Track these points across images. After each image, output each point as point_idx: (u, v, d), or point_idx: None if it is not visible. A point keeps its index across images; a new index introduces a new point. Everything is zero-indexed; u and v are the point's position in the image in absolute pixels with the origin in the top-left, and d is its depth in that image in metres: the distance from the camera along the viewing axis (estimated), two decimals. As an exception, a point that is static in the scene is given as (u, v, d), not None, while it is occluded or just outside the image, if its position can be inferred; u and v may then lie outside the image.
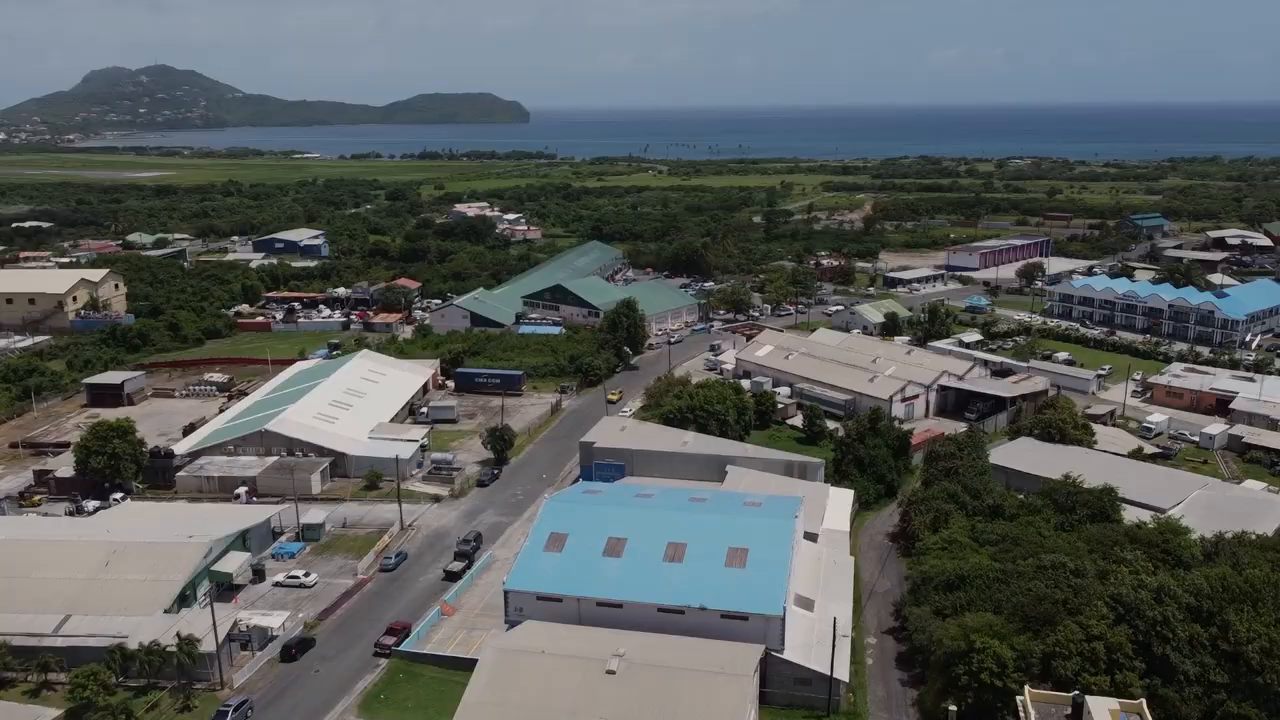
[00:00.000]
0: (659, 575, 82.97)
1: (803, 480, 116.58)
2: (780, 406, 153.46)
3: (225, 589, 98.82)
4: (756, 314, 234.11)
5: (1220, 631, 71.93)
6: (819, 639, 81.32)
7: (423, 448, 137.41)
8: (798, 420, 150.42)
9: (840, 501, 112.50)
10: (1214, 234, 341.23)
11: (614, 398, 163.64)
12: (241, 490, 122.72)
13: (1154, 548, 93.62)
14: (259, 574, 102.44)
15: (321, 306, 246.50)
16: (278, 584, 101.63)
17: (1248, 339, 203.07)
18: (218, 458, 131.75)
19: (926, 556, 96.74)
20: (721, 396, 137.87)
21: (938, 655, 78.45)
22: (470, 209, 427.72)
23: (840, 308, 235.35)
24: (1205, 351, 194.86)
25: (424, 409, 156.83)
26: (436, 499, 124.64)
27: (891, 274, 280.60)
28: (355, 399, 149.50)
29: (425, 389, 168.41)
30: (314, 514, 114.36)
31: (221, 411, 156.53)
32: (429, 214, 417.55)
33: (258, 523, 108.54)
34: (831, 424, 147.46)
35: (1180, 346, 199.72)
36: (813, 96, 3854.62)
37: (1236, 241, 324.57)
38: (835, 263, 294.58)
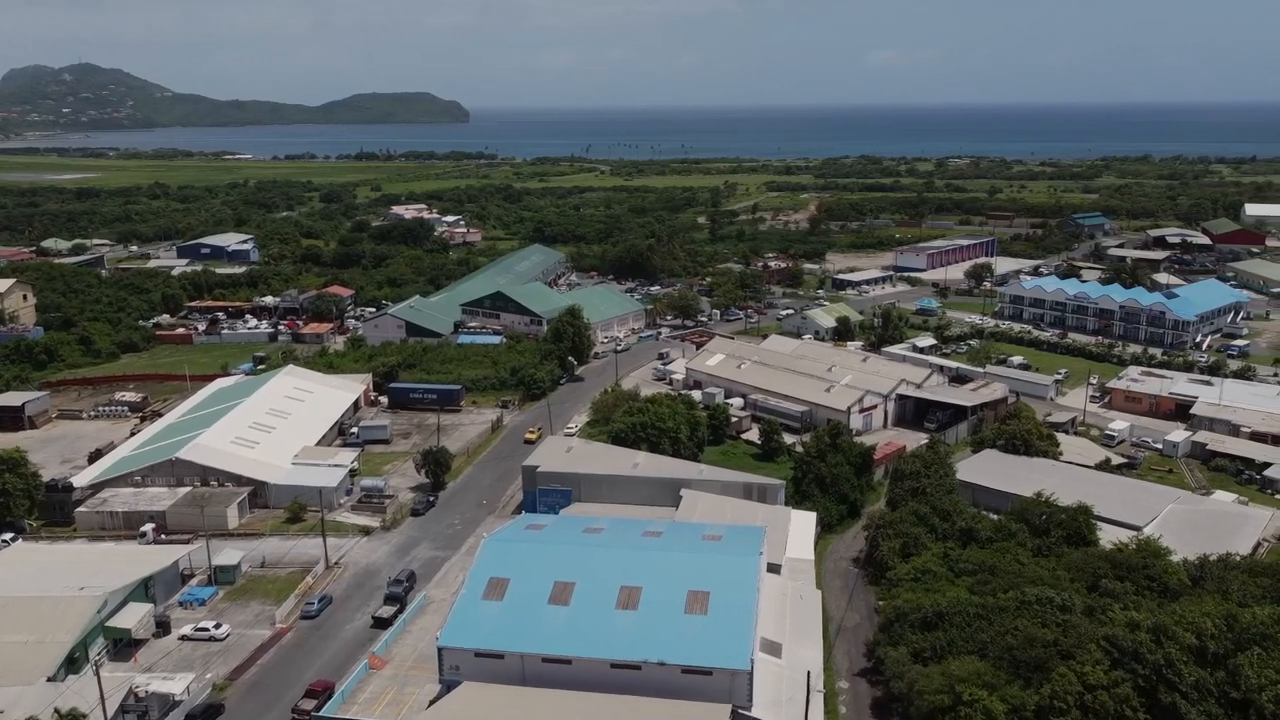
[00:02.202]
0: (611, 625, 74.47)
1: (762, 504, 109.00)
2: (734, 420, 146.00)
3: (124, 646, 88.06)
4: (705, 319, 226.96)
5: (1229, 677, 65.69)
6: (789, 691, 73.65)
7: (352, 473, 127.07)
8: (753, 434, 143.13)
9: (803, 526, 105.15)
10: (1154, 233, 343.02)
11: (532, 436, 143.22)
12: (148, 527, 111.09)
13: (1136, 572, 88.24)
14: (163, 627, 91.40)
15: (248, 316, 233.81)
16: (184, 638, 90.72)
17: (1198, 340, 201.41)
18: (123, 490, 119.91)
19: (899, 589, 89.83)
20: (674, 412, 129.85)
21: (920, 707, 71.29)
22: (408, 211, 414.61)
23: (790, 312, 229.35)
24: (1157, 353, 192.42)
25: (354, 429, 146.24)
26: (366, 531, 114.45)
27: (840, 276, 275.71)
28: (278, 420, 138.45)
29: (356, 406, 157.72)
30: (228, 554, 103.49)
31: (133, 435, 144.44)
32: (365, 216, 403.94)
33: (164, 567, 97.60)
34: (788, 437, 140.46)
35: (1134, 348, 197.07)
36: (754, 97, 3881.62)
37: (1177, 240, 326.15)
38: (783, 264, 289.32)
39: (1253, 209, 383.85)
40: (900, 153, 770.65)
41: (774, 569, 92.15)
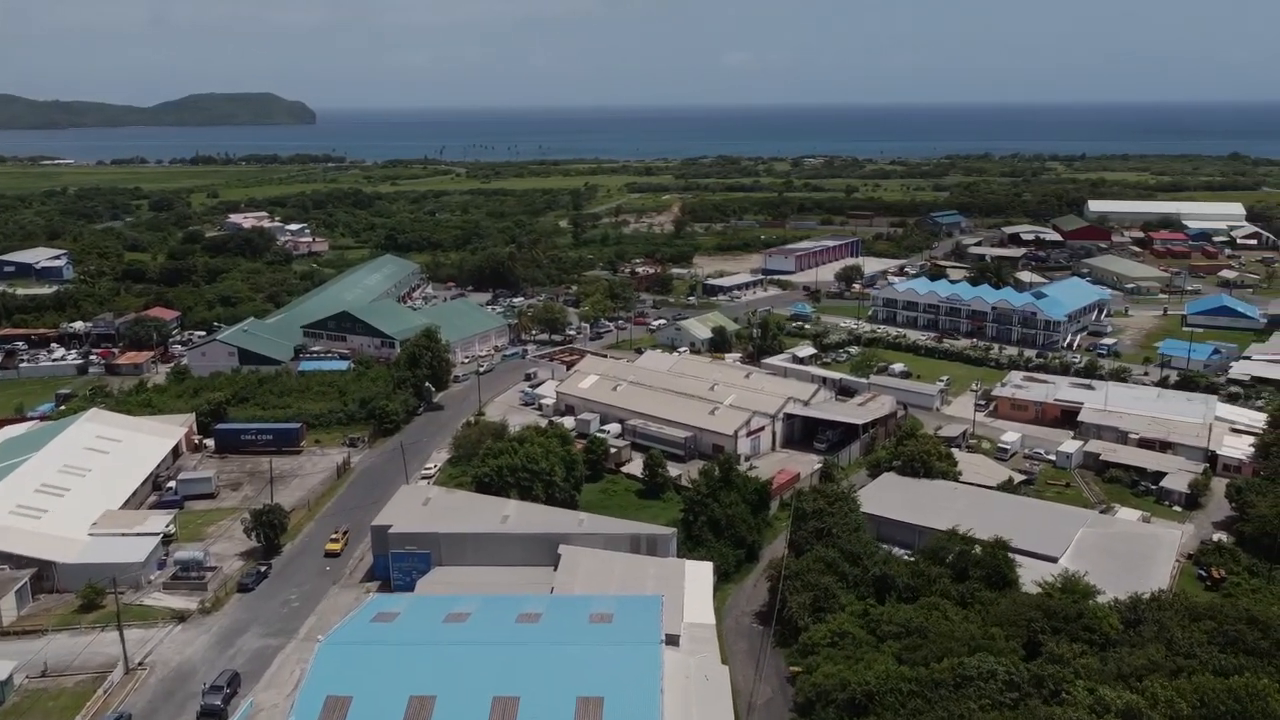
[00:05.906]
0: (483, 754, 59.79)
1: (653, 557, 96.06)
2: (614, 451, 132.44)
3: None
4: (574, 333, 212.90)
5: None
6: (704, 814, 60.71)
7: (166, 540, 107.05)
8: (635, 466, 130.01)
9: (699, 581, 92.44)
10: (1009, 230, 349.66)
11: (334, 546, 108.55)
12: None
13: (1071, 622, 79.51)
14: (-104, 779, 71.14)
15: (54, 346, 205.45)
16: (-75, 792, 70.84)
17: (1069, 340, 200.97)
18: None
19: (816, 659, 78.26)
20: (547, 451, 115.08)
21: (861, 824, 59.65)
22: (247, 219, 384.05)
23: (663, 321, 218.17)
24: (1032, 355, 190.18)
25: (171, 483, 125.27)
26: (181, 617, 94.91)
27: (710, 281, 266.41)
28: (75, 479, 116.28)
29: (176, 453, 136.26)
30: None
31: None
32: (199, 226, 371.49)
33: (-97, 692, 76.71)
34: (673, 468, 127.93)
35: (1009, 351, 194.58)
36: (611, 97, 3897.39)
37: (1031, 237, 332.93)
38: (651, 270, 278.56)
39: (1095, 205, 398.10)
40: (756, 152, 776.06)
41: (672, 640, 79.21)
